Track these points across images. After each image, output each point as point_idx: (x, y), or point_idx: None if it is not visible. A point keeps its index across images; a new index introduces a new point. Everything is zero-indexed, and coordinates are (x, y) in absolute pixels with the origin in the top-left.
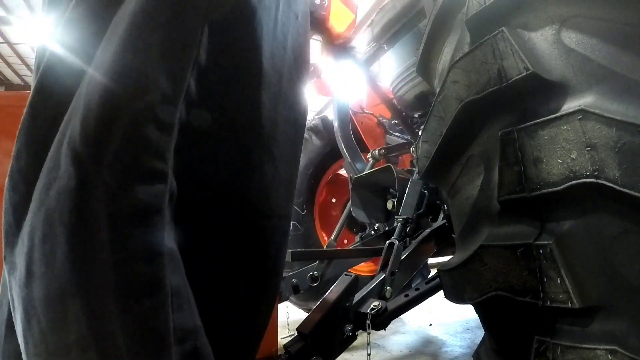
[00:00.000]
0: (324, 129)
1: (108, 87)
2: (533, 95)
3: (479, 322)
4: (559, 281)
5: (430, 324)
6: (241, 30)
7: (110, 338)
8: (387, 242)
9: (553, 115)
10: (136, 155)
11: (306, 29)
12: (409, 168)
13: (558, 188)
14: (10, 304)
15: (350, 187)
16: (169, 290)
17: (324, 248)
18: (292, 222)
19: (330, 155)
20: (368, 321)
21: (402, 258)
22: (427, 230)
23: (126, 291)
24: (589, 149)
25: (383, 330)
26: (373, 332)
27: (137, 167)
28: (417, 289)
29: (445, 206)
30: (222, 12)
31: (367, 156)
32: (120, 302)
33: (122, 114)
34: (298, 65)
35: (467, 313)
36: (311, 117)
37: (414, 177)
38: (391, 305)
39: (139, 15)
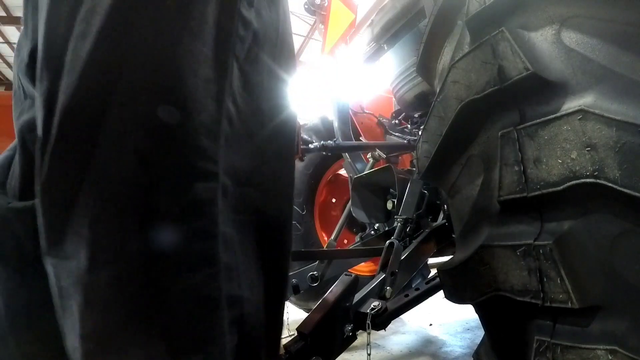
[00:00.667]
0: (324, 129)
1: (171, 106)
2: (533, 95)
3: (479, 322)
4: (559, 281)
5: (430, 324)
6: (267, 57)
7: (169, 306)
8: (387, 242)
9: (553, 115)
10: (194, 159)
11: (291, 32)
12: (409, 168)
13: (558, 188)
14: (57, 291)
15: (350, 187)
16: (222, 265)
17: (324, 248)
18: (292, 222)
19: (330, 156)
20: (368, 321)
21: (402, 258)
22: (427, 230)
23: (185, 264)
24: (589, 149)
25: (383, 330)
26: (373, 332)
27: (194, 169)
28: (417, 289)
29: (445, 206)
30: (248, 50)
31: (367, 156)
32: (180, 273)
33: (182, 129)
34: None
35: (467, 313)
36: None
37: (414, 177)
38: (391, 305)
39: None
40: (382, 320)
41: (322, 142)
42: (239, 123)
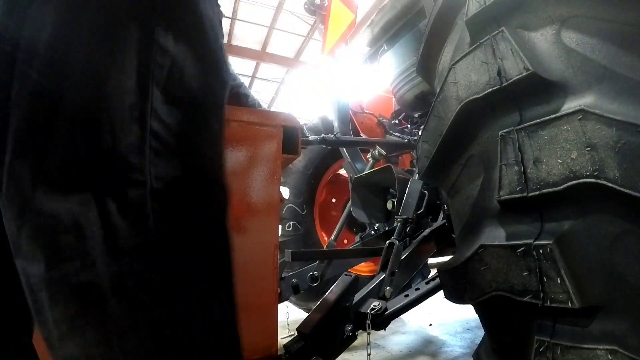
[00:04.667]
0: (324, 129)
1: (104, 133)
2: (533, 95)
3: (479, 322)
4: (559, 281)
5: (430, 324)
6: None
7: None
8: (387, 242)
9: (553, 115)
10: (126, 173)
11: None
12: (409, 168)
13: (558, 188)
14: (28, 289)
15: (350, 187)
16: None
17: (324, 248)
18: (292, 222)
19: (330, 155)
20: (368, 321)
21: (402, 258)
22: (427, 230)
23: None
24: (589, 149)
25: (383, 330)
26: (373, 332)
27: (127, 179)
28: (417, 289)
29: (445, 206)
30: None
31: (367, 156)
32: (115, 265)
33: (115, 150)
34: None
35: (467, 313)
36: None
37: (414, 177)
38: (391, 305)
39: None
40: (382, 320)
41: (322, 135)
42: (167, 135)
